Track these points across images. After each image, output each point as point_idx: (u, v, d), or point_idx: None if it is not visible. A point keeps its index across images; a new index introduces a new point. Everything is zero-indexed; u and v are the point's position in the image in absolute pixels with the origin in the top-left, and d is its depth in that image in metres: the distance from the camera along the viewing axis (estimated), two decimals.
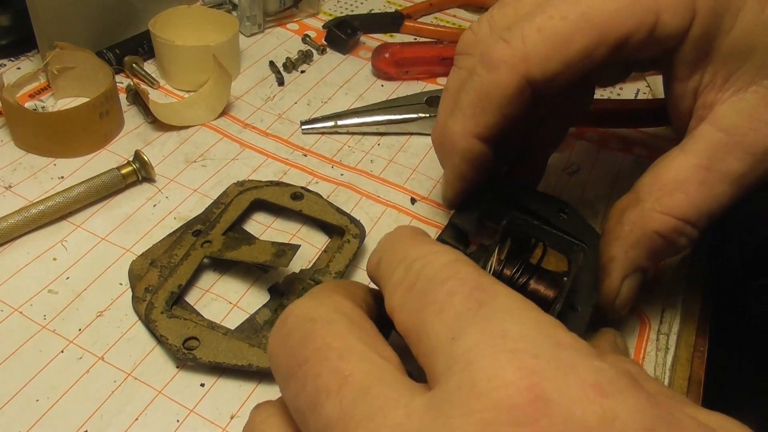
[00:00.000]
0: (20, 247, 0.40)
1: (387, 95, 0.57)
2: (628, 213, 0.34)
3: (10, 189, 0.44)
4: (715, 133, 0.32)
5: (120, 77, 0.55)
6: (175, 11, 0.56)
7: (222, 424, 0.33)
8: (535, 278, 0.32)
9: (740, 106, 0.32)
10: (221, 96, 0.52)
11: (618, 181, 0.49)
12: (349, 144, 0.51)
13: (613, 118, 0.52)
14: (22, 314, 0.37)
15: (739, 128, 0.32)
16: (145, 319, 0.36)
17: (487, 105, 0.32)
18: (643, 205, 0.33)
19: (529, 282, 0.32)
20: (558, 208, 0.37)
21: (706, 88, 0.33)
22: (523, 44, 0.31)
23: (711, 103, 0.33)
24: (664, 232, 0.33)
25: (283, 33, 0.64)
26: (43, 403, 0.33)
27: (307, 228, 0.44)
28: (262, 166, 0.48)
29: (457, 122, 0.34)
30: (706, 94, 0.33)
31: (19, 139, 0.47)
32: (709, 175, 0.32)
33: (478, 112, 0.33)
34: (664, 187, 0.33)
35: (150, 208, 0.44)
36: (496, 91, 0.32)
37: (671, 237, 0.33)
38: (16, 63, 0.55)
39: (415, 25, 0.65)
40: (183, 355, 0.34)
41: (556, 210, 0.37)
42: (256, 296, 0.39)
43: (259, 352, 0.34)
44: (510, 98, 0.32)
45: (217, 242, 0.40)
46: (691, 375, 0.38)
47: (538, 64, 0.31)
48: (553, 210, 0.37)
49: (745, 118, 0.32)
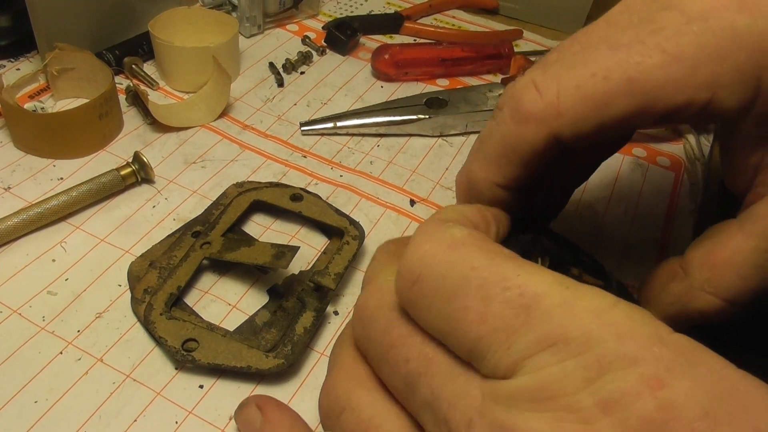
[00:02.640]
0: (19, 249, 0.40)
1: (386, 96, 0.57)
2: (675, 284, 0.32)
3: (10, 190, 0.44)
4: None
5: (119, 78, 0.55)
6: (174, 12, 0.56)
7: (221, 426, 0.33)
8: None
9: None
10: (221, 97, 0.52)
11: (617, 183, 0.49)
12: (348, 145, 0.51)
13: None
14: (21, 316, 0.37)
15: None
16: (144, 321, 0.36)
17: (512, 157, 0.30)
18: (691, 282, 0.31)
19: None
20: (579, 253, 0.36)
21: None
22: (557, 99, 0.28)
23: None
24: (707, 312, 0.31)
25: (283, 34, 0.64)
26: (41, 405, 0.33)
27: (306, 229, 0.44)
28: (261, 168, 0.48)
29: (481, 169, 0.32)
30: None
31: (18, 140, 0.47)
32: (766, 257, 0.30)
33: (503, 162, 0.30)
34: (716, 266, 0.31)
35: (149, 209, 0.44)
36: (522, 145, 0.29)
37: (713, 317, 0.31)
38: (16, 64, 0.55)
39: (415, 27, 0.65)
40: (182, 356, 0.34)
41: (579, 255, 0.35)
42: (255, 298, 0.39)
43: (258, 354, 0.34)
44: (535, 152, 0.29)
45: (217, 243, 0.40)
46: None
47: (570, 123, 0.28)
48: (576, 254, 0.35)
49: None
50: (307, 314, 0.37)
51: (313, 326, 0.36)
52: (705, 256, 0.31)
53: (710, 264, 0.31)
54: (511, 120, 0.30)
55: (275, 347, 0.35)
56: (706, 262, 0.31)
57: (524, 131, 0.29)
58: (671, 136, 0.54)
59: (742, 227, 0.31)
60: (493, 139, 0.31)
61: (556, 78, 0.28)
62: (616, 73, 0.27)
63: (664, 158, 0.52)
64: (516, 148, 0.30)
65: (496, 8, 0.71)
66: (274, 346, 0.35)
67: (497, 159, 0.31)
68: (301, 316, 0.37)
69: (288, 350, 0.35)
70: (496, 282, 0.20)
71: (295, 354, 0.35)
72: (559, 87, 0.28)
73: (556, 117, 0.28)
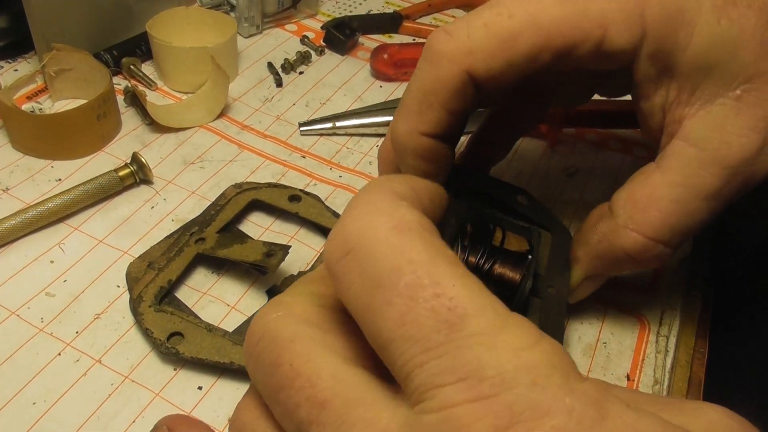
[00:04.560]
0: (17, 250, 0.40)
1: (386, 96, 0.57)
2: (602, 223, 0.34)
3: (8, 191, 0.44)
4: (687, 149, 0.32)
5: (117, 79, 0.55)
6: (172, 12, 0.55)
7: (219, 427, 0.33)
8: (500, 262, 0.32)
9: (709, 119, 0.31)
10: (219, 97, 0.52)
11: (617, 182, 0.49)
12: (347, 145, 0.51)
13: (613, 118, 0.52)
14: (19, 317, 0.37)
15: (711, 142, 0.31)
16: (133, 311, 0.36)
17: (432, 100, 0.31)
18: (615, 220, 0.33)
19: (494, 267, 0.32)
20: (516, 193, 0.37)
21: (673, 104, 0.32)
22: (467, 38, 0.30)
23: (680, 118, 0.32)
24: (631, 250, 0.33)
25: (282, 34, 0.63)
26: (40, 406, 0.33)
27: (305, 230, 0.44)
28: (260, 168, 0.48)
29: (402, 122, 0.32)
30: (674, 110, 0.32)
31: (16, 141, 0.47)
32: (684, 191, 0.31)
33: (424, 108, 0.31)
34: (637, 203, 0.32)
35: (148, 210, 0.44)
36: (438, 86, 0.31)
37: (638, 255, 0.33)
38: (13, 65, 0.55)
39: (414, 26, 0.65)
40: (166, 349, 0.34)
41: (515, 196, 0.37)
42: (254, 298, 0.39)
43: (242, 350, 0.34)
44: (452, 93, 0.31)
45: (211, 240, 0.40)
46: (691, 376, 0.38)
47: (482, 59, 0.30)
48: (512, 196, 0.37)
49: (715, 131, 0.31)
50: None
51: None
52: (627, 195, 0.33)
53: (632, 201, 0.33)
54: (426, 64, 0.31)
55: None
56: (629, 200, 0.33)
57: (438, 72, 0.31)
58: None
59: (659, 165, 0.33)
60: (411, 89, 0.32)
61: (465, 22, 0.31)
62: (519, 12, 0.30)
63: None
64: (433, 90, 0.31)
65: None
66: None
67: (417, 107, 0.32)
68: None
69: None
70: (429, 285, 0.19)
71: None
72: (469, 27, 0.30)
73: (467, 54, 0.30)
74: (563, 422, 0.17)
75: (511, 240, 0.34)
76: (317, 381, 0.20)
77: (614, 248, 0.33)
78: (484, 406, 0.17)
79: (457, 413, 0.17)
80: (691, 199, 0.31)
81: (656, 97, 0.33)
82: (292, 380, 0.20)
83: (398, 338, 0.19)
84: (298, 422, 0.20)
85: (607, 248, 0.33)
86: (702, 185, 0.31)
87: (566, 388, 0.18)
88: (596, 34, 0.30)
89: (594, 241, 0.34)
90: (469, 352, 0.18)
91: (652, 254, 0.32)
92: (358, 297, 0.20)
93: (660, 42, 0.30)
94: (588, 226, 0.35)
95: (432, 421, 0.18)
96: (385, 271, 0.19)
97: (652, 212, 0.32)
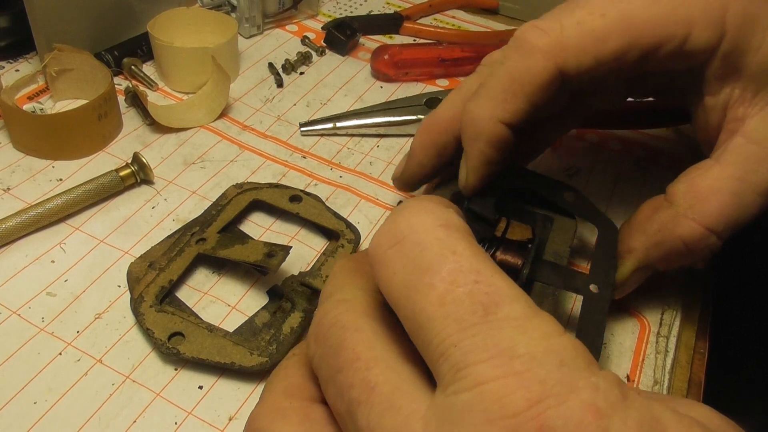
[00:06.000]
0: (18, 250, 0.40)
1: (386, 97, 0.57)
2: (660, 213, 0.35)
3: (9, 191, 0.44)
4: (747, 146, 0.33)
5: (119, 79, 0.55)
6: (173, 13, 0.55)
7: (220, 427, 0.33)
8: (502, 250, 0.34)
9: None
10: (220, 98, 0.52)
11: (618, 183, 0.49)
12: (348, 146, 0.51)
13: (613, 119, 0.52)
14: (20, 317, 0.37)
15: None
16: (134, 311, 0.36)
17: (518, 90, 0.32)
18: (676, 209, 0.34)
19: (495, 254, 0.34)
20: (563, 190, 0.37)
21: (737, 103, 0.34)
22: (561, 34, 0.32)
23: (742, 117, 0.34)
24: (689, 239, 0.34)
25: (282, 34, 0.64)
26: (41, 406, 0.33)
27: (306, 230, 0.44)
28: (261, 168, 0.48)
29: (484, 107, 0.33)
30: (737, 108, 0.34)
31: (17, 141, 0.47)
32: (742, 186, 0.33)
33: (508, 97, 0.32)
34: (698, 194, 0.34)
35: (149, 210, 0.44)
36: (529, 77, 0.32)
37: (694, 245, 0.34)
38: (15, 65, 0.55)
39: (415, 27, 0.65)
40: (167, 349, 0.34)
41: (561, 192, 0.37)
42: (255, 299, 0.39)
43: (243, 351, 0.35)
44: (540, 86, 0.32)
45: (212, 240, 0.40)
46: (691, 377, 0.38)
47: (574, 55, 0.31)
48: (558, 192, 0.37)
49: None
50: (296, 314, 0.37)
51: (300, 326, 0.36)
52: (687, 186, 0.34)
53: (693, 192, 0.34)
54: (518, 55, 0.32)
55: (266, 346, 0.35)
56: (690, 191, 0.34)
57: (531, 64, 0.32)
58: (674, 137, 0.54)
59: (719, 160, 0.34)
60: (497, 77, 0.33)
61: (557, 19, 0.32)
62: (611, 11, 0.32)
63: (666, 158, 0.52)
64: (523, 80, 0.32)
65: (496, 8, 0.71)
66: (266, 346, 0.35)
67: (503, 95, 0.32)
68: (290, 316, 0.37)
69: (273, 349, 0.35)
70: (470, 272, 0.21)
71: (279, 353, 0.35)
72: (562, 25, 0.32)
73: (561, 50, 0.31)
74: (592, 397, 0.18)
75: (515, 229, 0.35)
76: (373, 365, 0.22)
77: (673, 237, 0.34)
78: (516, 380, 0.18)
79: (491, 388, 0.18)
80: (747, 193, 0.33)
81: (721, 95, 0.34)
82: (352, 362, 0.22)
83: (438, 317, 0.20)
84: (348, 401, 0.22)
85: (666, 237, 0.34)
86: (759, 181, 0.33)
87: (591, 370, 0.19)
88: (681, 34, 0.32)
89: (652, 230, 0.35)
90: (501, 332, 0.19)
91: (705, 244, 0.34)
92: (403, 281, 0.21)
93: (735, 43, 0.32)
94: (643, 217, 0.36)
95: (466, 399, 0.19)
96: (431, 258, 0.21)
97: (714, 203, 0.33)
